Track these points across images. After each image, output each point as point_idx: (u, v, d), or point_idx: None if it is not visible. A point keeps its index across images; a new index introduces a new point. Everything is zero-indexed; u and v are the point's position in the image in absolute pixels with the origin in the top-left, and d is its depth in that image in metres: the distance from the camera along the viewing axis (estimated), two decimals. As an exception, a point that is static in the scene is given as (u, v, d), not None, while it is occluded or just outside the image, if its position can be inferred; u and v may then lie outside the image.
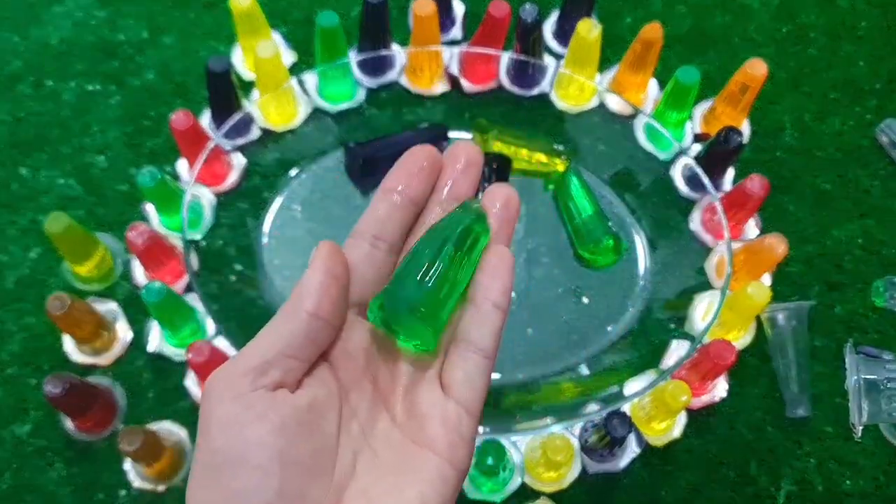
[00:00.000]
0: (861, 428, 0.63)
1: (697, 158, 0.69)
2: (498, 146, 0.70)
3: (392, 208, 0.33)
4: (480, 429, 0.62)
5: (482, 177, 0.67)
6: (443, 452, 0.29)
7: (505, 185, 0.34)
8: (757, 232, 0.71)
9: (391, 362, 0.32)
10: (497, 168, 0.67)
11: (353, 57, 0.74)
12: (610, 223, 0.68)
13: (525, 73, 0.73)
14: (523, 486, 0.62)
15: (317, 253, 0.30)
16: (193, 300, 0.64)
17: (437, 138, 0.71)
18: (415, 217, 0.34)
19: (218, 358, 0.59)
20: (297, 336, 0.29)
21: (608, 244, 0.66)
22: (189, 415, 0.64)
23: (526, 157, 0.70)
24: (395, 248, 0.34)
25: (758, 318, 0.68)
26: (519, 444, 0.63)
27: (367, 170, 0.69)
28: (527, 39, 0.71)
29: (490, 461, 0.58)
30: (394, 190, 0.33)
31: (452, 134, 0.71)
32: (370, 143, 0.69)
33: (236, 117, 0.65)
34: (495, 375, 0.63)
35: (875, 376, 0.62)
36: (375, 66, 0.74)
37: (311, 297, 0.29)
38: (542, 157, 0.70)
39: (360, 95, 0.73)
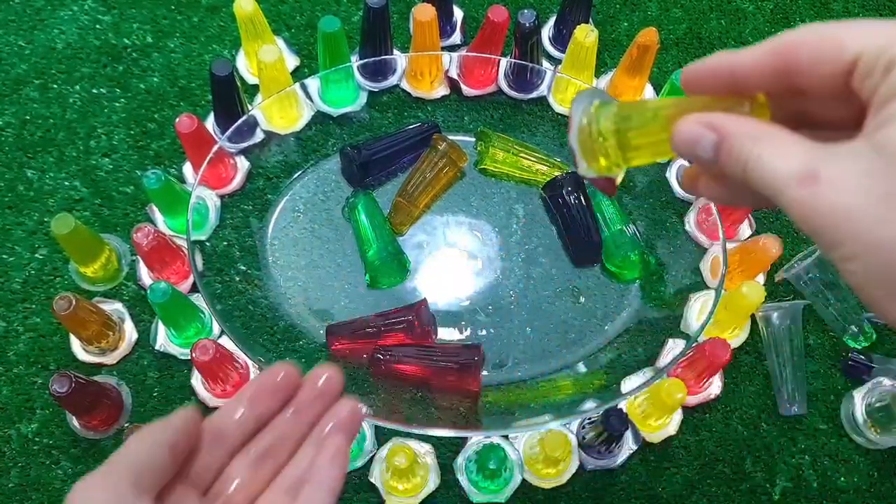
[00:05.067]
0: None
1: (693, 160, 0.70)
2: (499, 154, 0.71)
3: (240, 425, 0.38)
4: (481, 430, 0.63)
5: (561, 200, 0.68)
6: None
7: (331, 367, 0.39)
8: (751, 232, 0.72)
9: None
10: (574, 190, 0.68)
11: (355, 61, 0.75)
12: (640, 239, 0.68)
13: (523, 77, 0.74)
14: (523, 481, 0.63)
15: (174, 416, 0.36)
16: (198, 300, 0.65)
17: (428, 135, 0.71)
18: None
19: (222, 357, 0.60)
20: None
21: (634, 259, 0.67)
22: (193, 413, 0.64)
23: (527, 167, 0.71)
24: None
25: (753, 317, 0.69)
26: (518, 442, 0.64)
27: (364, 172, 0.70)
28: (525, 44, 0.72)
29: (492, 465, 0.58)
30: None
31: (454, 137, 0.72)
32: (365, 146, 0.70)
33: (240, 121, 0.66)
34: (496, 374, 0.64)
35: None
36: (377, 70, 0.75)
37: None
38: (542, 168, 0.71)
39: (362, 99, 0.74)
